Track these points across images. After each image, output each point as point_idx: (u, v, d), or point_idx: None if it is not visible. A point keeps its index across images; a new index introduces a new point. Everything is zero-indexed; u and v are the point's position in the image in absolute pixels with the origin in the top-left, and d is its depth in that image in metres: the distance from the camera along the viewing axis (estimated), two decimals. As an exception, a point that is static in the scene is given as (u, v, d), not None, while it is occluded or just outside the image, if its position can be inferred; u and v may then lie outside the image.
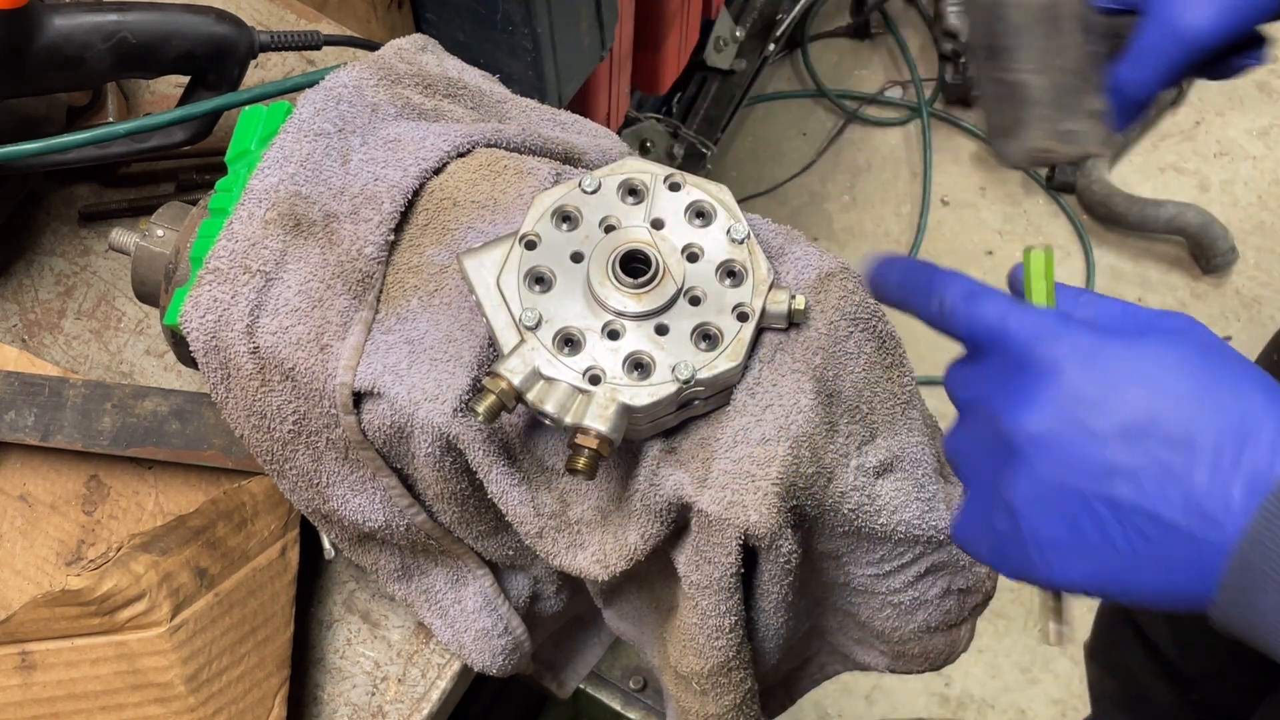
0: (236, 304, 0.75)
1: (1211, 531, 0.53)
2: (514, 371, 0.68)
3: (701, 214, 0.74)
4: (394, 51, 0.85)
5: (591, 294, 0.71)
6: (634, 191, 0.74)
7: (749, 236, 0.73)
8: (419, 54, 0.86)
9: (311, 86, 0.81)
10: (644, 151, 2.05)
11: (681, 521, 0.73)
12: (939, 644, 0.82)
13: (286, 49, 0.95)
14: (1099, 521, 0.56)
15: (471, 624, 0.86)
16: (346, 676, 0.91)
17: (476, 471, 0.74)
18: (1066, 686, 2.02)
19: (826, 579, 0.79)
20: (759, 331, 0.72)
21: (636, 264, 0.72)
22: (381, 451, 0.76)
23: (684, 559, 0.73)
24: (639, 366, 0.70)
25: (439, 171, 0.78)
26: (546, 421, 0.69)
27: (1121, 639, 1.53)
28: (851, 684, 2.00)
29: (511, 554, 0.83)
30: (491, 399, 0.67)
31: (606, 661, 1.55)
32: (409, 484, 0.79)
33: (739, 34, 2.20)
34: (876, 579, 0.78)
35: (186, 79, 0.94)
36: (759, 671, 0.80)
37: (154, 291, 0.83)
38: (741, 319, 0.71)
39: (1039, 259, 0.63)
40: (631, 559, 0.73)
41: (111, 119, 1.01)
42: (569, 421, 0.68)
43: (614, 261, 0.71)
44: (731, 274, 0.72)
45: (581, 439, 0.67)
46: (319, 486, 0.79)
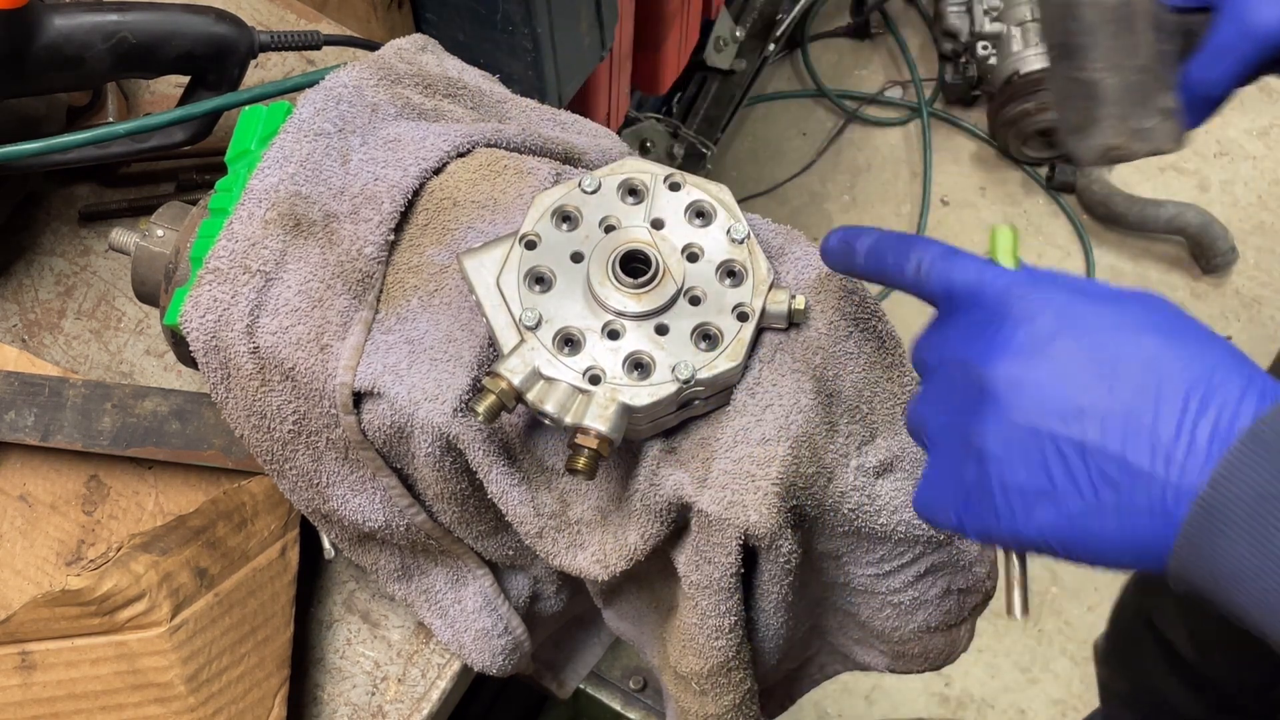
0: (236, 304, 0.75)
1: (1176, 476, 0.53)
2: (514, 371, 0.68)
3: (701, 214, 0.74)
4: (394, 51, 0.85)
5: (591, 294, 0.71)
6: (634, 191, 0.74)
7: (749, 236, 0.73)
8: (419, 54, 0.86)
9: (311, 86, 0.81)
10: (644, 151, 2.05)
11: (681, 521, 0.73)
12: (939, 644, 0.82)
13: (286, 49, 0.95)
14: (1066, 464, 0.56)
15: (471, 624, 0.86)
16: (346, 676, 0.91)
17: (476, 471, 0.74)
18: (1066, 686, 2.02)
19: (826, 579, 0.79)
20: (759, 331, 0.72)
21: (636, 264, 0.72)
22: (381, 451, 0.76)
23: (684, 559, 0.73)
24: (639, 366, 0.70)
25: (439, 171, 0.78)
26: (546, 421, 0.69)
27: (1137, 639, 1.53)
28: (851, 684, 2.00)
29: (511, 554, 0.83)
30: (491, 399, 0.67)
31: (606, 661, 1.55)
32: (409, 484, 0.79)
33: (739, 34, 2.20)
34: (876, 579, 0.78)
35: (186, 79, 0.94)
36: (759, 671, 0.80)
37: (154, 291, 0.83)
38: (741, 319, 0.71)
39: (1005, 234, 0.63)
40: (631, 559, 0.73)
41: (111, 119, 1.01)
42: (569, 421, 0.68)
43: (614, 261, 0.71)
44: (731, 274, 0.72)
45: (581, 439, 0.67)
46: (319, 486, 0.79)
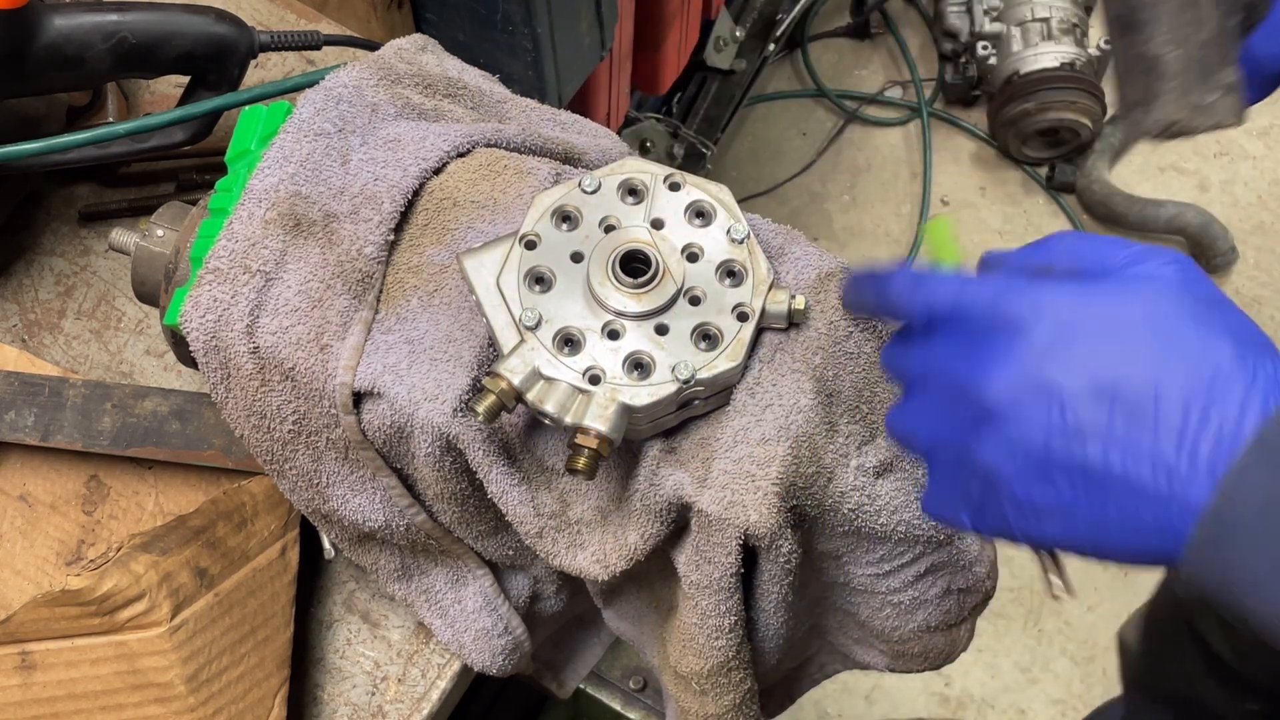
0: (236, 304, 0.75)
1: (1181, 492, 0.53)
2: (514, 371, 0.68)
3: (701, 214, 0.74)
4: (394, 51, 0.85)
5: (591, 294, 0.71)
6: (634, 191, 0.74)
7: (749, 236, 0.73)
8: (419, 54, 0.86)
9: (311, 86, 0.81)
10: (644, 151, 2.05)
11: (681, 521, 0.73)
12: (939, 643, 0.82)
13: (286, 49, 0.95)
14: (1072, 483, 0.55)
15: (471, 624, 0.86)
16: (346, 676, 0.91)
17: (476, 471, 0.74)
18: (1066, 686, 2.02)
19: (826, 579, 0.79)
20: (759, 331, 0.72)
21: (636, 264, 0.72)
22: (381, 451, 0.76)
23: (684, 559, 0.73)
24: (639, 366, 0.70)
25: (439, 171, 0.78)
26: (546, 421, 0.69)
27: (1174, 638, 1.52)
28: (851, 684, 2.00)
29: (511, 554, 0.83)
30: (491, 399, 0.67)
31: (606, 661, 1.55)
32: (409, 484, 0.79)
33: (739, 34, 2.20)
34: (876, 579, 0.78)
35: (186, 79, 0.94)
36: (759, 671, 0.80)
37: (154, 291, 0.83)
38: (741, 319, 0.71)
39: (941, 225, 0.63)
40: (631, 559, 0.73)
41: (111, 119, 1.01)
42: (569, 421, 0.68)
43: (614, 261, 0.71)
44: (731, 274, 0.72)
45: (581, 439, 0.67)
46: (319, 486, 0.79)
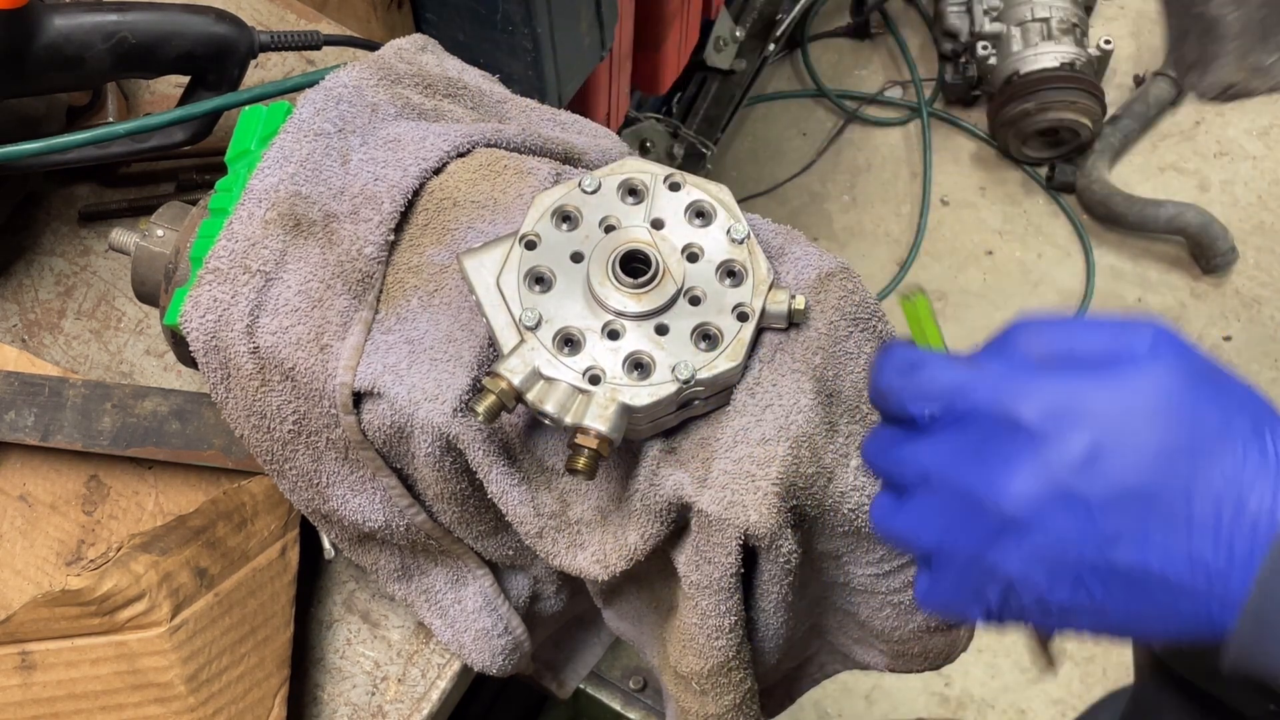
0: (236, 304, 0.75)
1: (1219, 587, 0.52)
2: (514, 371, 0.68)
3: (701, 214, 0.74)
4: (394, 51, 0.85)
5: (591, 294, 0.71)
6: (634, 191, 0.74)
7: (749, 236, 0.73)
8: (419, 54, 0.86)
9: (311, 86, 0.81)
10: (644, 151, 2.05)
11: (681, 521, 0.73)
12: (939, 644, 0.82)
13: (286, 49, 0.95)
14: (1105, 584, 0.55)
15: (471, 624, 0.86)
16: (346, 676, 0.91)
17: (476, 471, 0.74)
18: (1066, 686, 2.02)
19: (826, 579, 0.79)
20: (759, 331, 0.72)
21: (636, 264, 0.72)
22: (381, 451, 0.76)
23: (684, 559, 0.73)
24: (639, 366, 0.70)
25: (439, 171, 0.78)
26: (546, 421, 0.69)
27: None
28: (851, 684, 2.00)
29: (511, 554, 0.83)
30: (491, 399, 0.67)
31: (606, 661, 1.55)
32: (409, 484, 0.79)
33: (739, 34, 2.20)
34: (876, 579, 0.78)
35: (186, 79, 0.94)
36: (759, 671, 0.80)
37: (154, 291, 0.83)
38: (741, 319, 0.71)
39: (921, 305, 0.63)
40: (631, 559, 0.73)
41: (111, 119, 1.01)
42: (569, 421, 0.68)
43: (614, 261, 0.71)
44: (731, 274, 0.72)
45: (581, 439, 0.67)
46: (319, 486, 0.79)
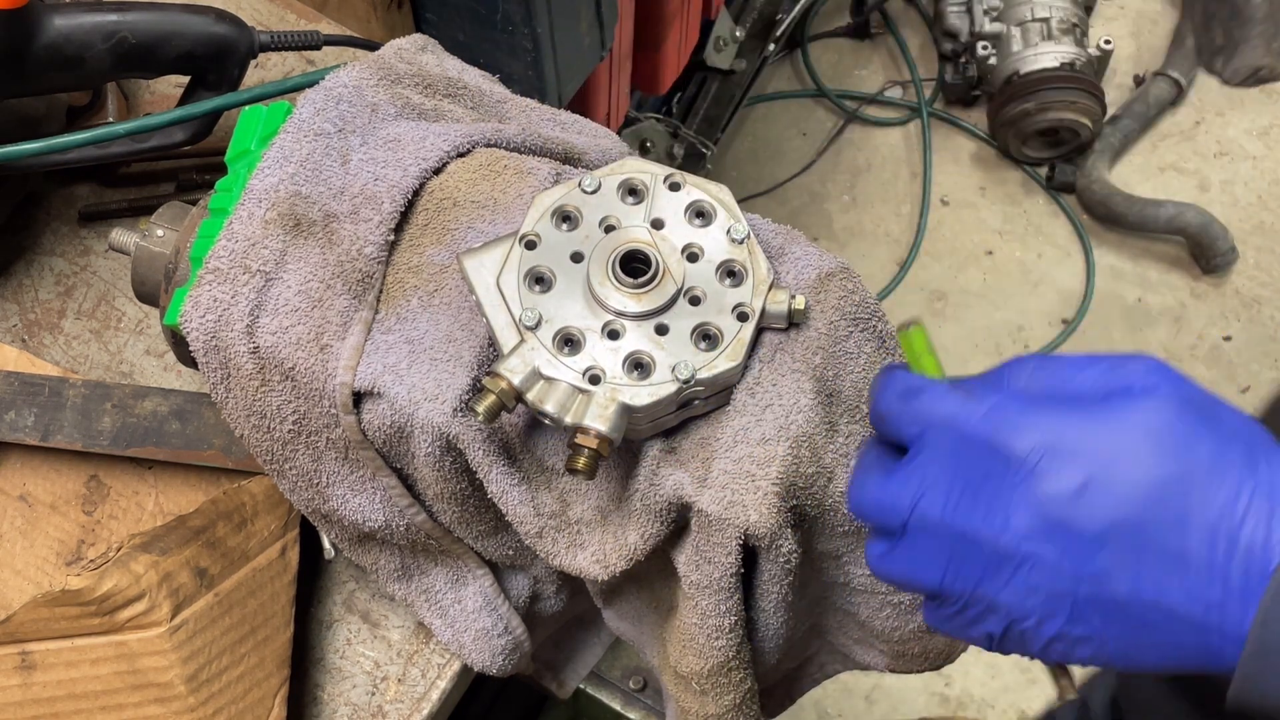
0: (236, 304, 0.75)
1: (1217, 619, 0.52)
2: (514, 371, 0.68)
3: (701, 214, 0.74)
4: (394, 51, 0.85)
5: (591, 294, 0.71)
6: (634, 191, 0.74)
7: (749, 236, 0.73)
8: (419, 54, 0.86)
9: (311, 86, 0.81)
10: (644, 151, 2.05)
11: (681, 521, 0.73)
12: (939, 644, 0.82)
13: (286, 49, 0.95)
14: (1104, 616, 0.55)
15: (471, 624, 0.86)
16: (346, 676, 0.91)
17: (476, 471, 0.74)
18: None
19: (826, 579, 0.79)
20: (759, 331, 0.72)
21: (636, 264, 0.72)
22: (381, 451, 0.76)
23: (684, 559, 0.73)
24: (639, 366, 0.70)
25: (439, 171, 0.78)
26: (546, 421, 0.69)
27: None
28: (851, 684, 2.00)
29: (511, 554, 0.83)
30: (491, 399, 0.67)
31: (606, 661, 1.55)
32: (409, 484, 0.79)
33: (739, 34, 2.20)
34: (876, 579, 0.77)
35: (186, 79, 0.94)
36: (759, 671, 0.80)
37: (154, 291, 0.83)
38: (741, 319, 0.71)
39: (918, 336, 0.63)
40: (631, 559, 0.73)
41: (111, 119, 1.01)
42: (569, 421, 0.68)
43: (614, 261, 0.71)
44: (731, 274, 0.72)
45: (581, 439, 0.67)
46: (319, 486, 0.79)
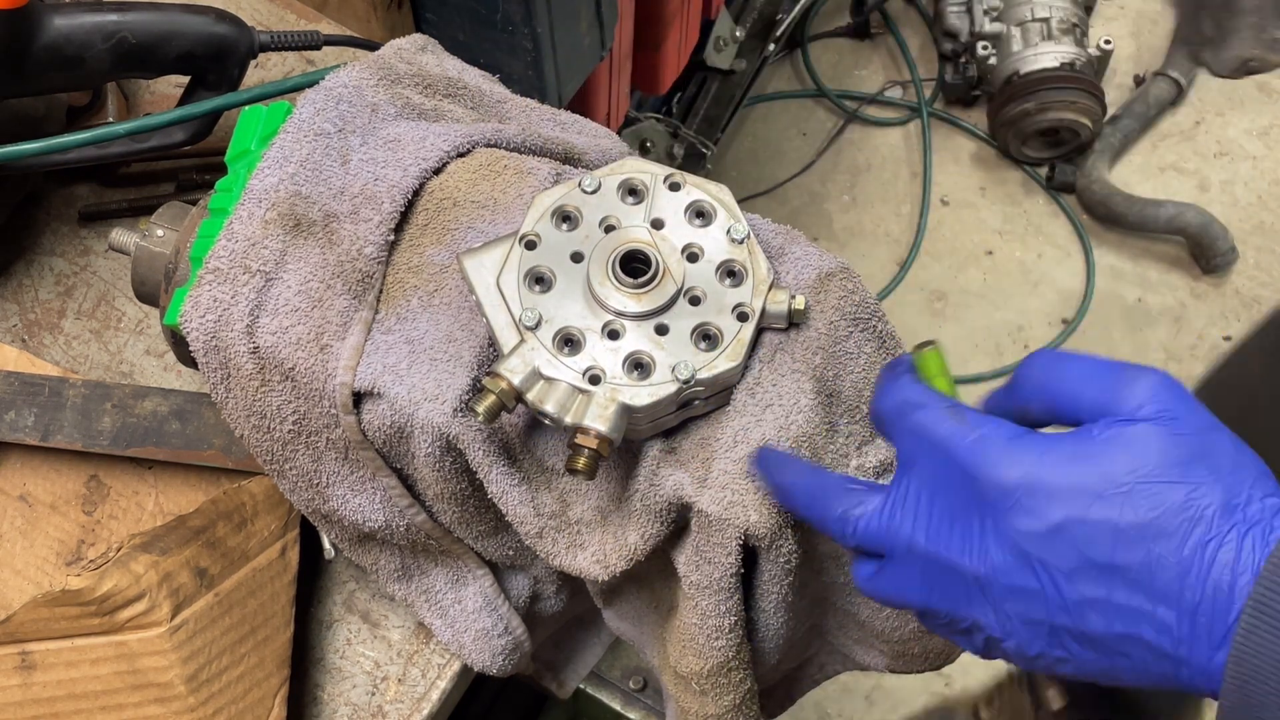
0: (236, 304, 0.75)
1: (1185, 652, 0.53)
2: (514, 371, 0.68)
3: (701, 214, 0.74)
4: (394, 51, 0.85)
5: (591, 294, 0.71)
6: (634, 191, 0.74)
7: (749, 236, 0.73)
8: (419, 54, 0.86)
9: (311, 86, 0.81)
10: (644, 151, 2.05)
11: (681, 521, 0.73)
12: (939, 644, 0.82)
13: (286, 49, 0.95)
14: (1077, 643, 0.56)
15: (471, 624, 0.86)
16: (346, 676, 0.91)
17: (476, 471, 0.74)
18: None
19: (827, 579, 0.79)
20: (759, 331, 0.72)
21: (636, 264, 0.72)
22: (381, 451, 0.76)
23: (684, 559, 0.73)
24: (639, 366, 0.70)
25: (439, 171, 0.78)
26: (546, 421, 0.69)
27: None
28: (851, 684, 2.00)
29: (511, 554, 0.83)
30: (491, 399, 0.67)
31: (606, 661, 1.55)
32: (409, 484, 0.79)
33: (739, 34, 2.20)
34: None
35: (186, 79, 0.94)
36: (759, 671, 0.80)
37: (154, 291, 0.83)
38: (741, 319, 0.71)
39: (933, 358, 0.63)
40: (631, 559, 0.73)
41: (111, 119, 1.01)
42: (569, 421, 0.68)
43: (614, 261, 0.71)
44: (731, 274, 0.72)
45: (581, 439, 0.67)
46: (319, 486, 0.79)
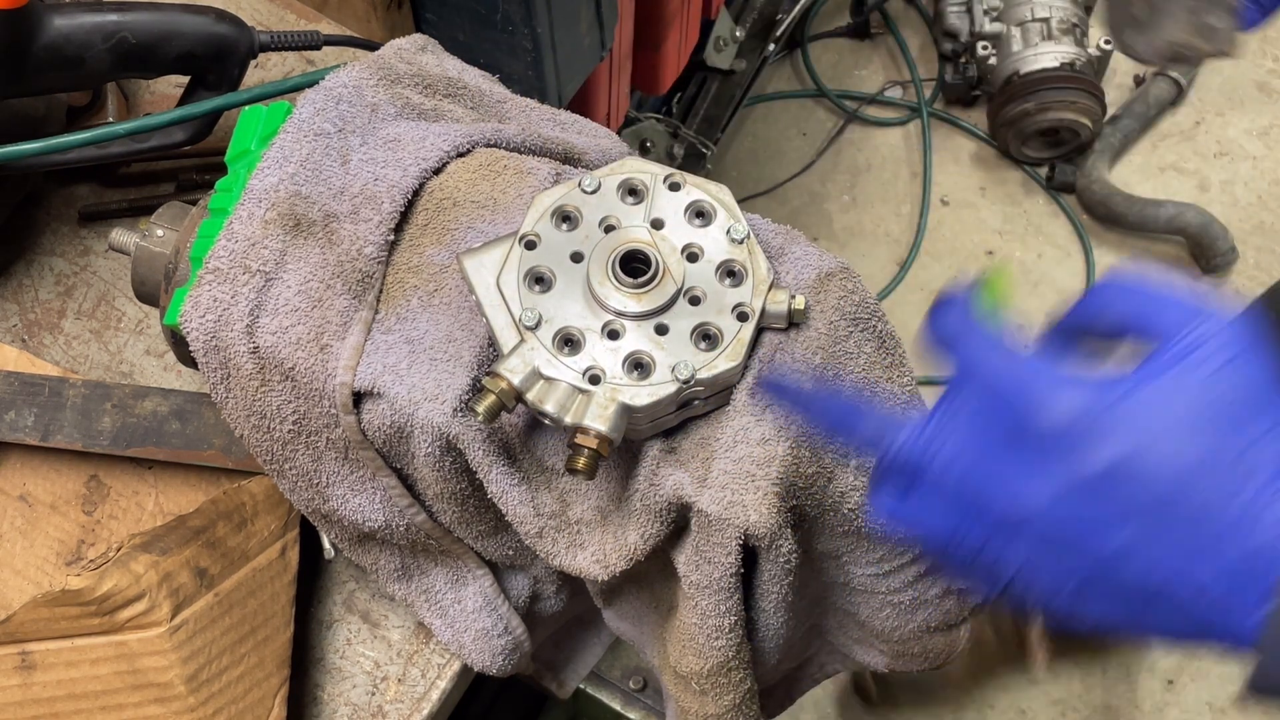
0: (236, 304, 0.75)
1: (1219, 614, 0.52)
2: (514, 371, 0.68)
3: (701, 214, 0.74)
4: (394, 51, 0.85)
5: (591, 294, 0.71)
6: (634, 191, 0.74)
7: (749, 236, 0.73)
8: (419, 54, 0.86)
9: (311, 86, 0.81)
10: (644, 151, 2.05)
11: (681, 521, 0.73)
12: (939, 643, 0.82)
13: (286, 49, 0.95)
14: (1109, 593, 0.54)
15: (471, 624, 0.86)
16: (346, 676, 0.91)
17: (476, 471, 0.74)
18: (1066, 686, 2.02)
19: (826, 579, 0.79)
20: (759, 331, 0.72)
21: (636, 264, 0.72)
22: (381, 451, 0.76)
23: (684, 559, 0.73)
24: (639, 366, 0.70)
25: (439, 171, 0.78)
26: (546, 421, 0.69)
27: None
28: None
29: (511, 554, 0.83)
30: (491, 399, 0.67)
31: (606, 661, 1.55)
32: (409, 484, 0.79)
33: (739, 34, 2.20)
34: (876, 579, 0.78)
35: (186, 79, 0.94)
36: (759, 671, 0.80)
37: (154, 291, 0.83)
38: (741, 319, 0.71)
39: (1001, 279, 0.62)
40: (631, 559, 0.73)
41: (111, 119, 1.01)
42: (569, 421, 0.68)
43: (614, 261, 0.71)
44: (731, 274, 0.72)
45: (581, 439, 0.67)
46: (319, 486, 0.79)
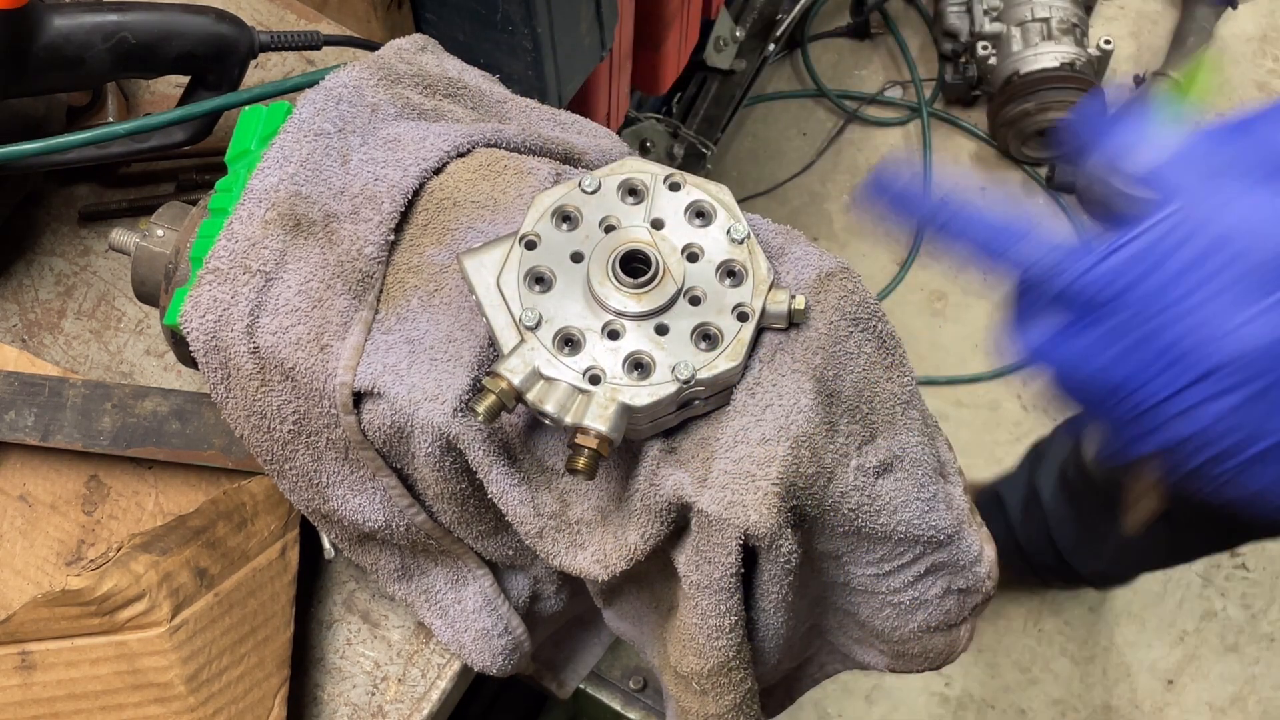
0: (236, 304, 0.75)
1: None
2: (514, 371, 0.68)
3: (701, 214, 0.74)
4: (394, 51, 0.85)
5: (591, 294, 0.71)
6: (634, 191, 0.74)
7: (749, 236, 0.73)
8: (419, 54, 0.86)
9: (311, 86, 0.81)
10: (644, 151, 2.05)
11: (681, 521, 0.73)
12: (939, 644, 0.82)
13: (286, 49, 0.95)
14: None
15: (471, 624, 0.86)
16: (346, 676, 0.91)
17: (476, 471, 0.74)
18: (1066, 686, 2.02)
19: (826, 579, 0.79)
20: (759, 331, 0.72)
21: (636, 264, 0.72)
22: (381, 451, 0.76)
23: (684, 559, 0.73)
24: (639, 366, 0.70)
25: (439, 171, 0.78)
26: (546, 421, 0.69)
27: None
28: (851, 684, 2.00)
29: (511, 554, 0.83)
30: (491, 399, 0.67)
31: (606, 661, 1.55)
32: (409, 484, 0.79)
33: (739, 34, 2.20)
34: (876, 579, 0.78)
35: (186, 79, 0.94)
36: (759, 671, 0.80)
37: (154, 291, 0.83)
38: (741, 319, 0.71)
39: (1206, 68, 0.62)
40: (631, 559, 0.73)
41: (111, 119, 1.01)
42: (569, 421, 0.68)
43: (614, 261, 0.71)
44: (731, 274, 0.72)
45: (581, 439, 0.67)
46: (319, 486, 0.79)
